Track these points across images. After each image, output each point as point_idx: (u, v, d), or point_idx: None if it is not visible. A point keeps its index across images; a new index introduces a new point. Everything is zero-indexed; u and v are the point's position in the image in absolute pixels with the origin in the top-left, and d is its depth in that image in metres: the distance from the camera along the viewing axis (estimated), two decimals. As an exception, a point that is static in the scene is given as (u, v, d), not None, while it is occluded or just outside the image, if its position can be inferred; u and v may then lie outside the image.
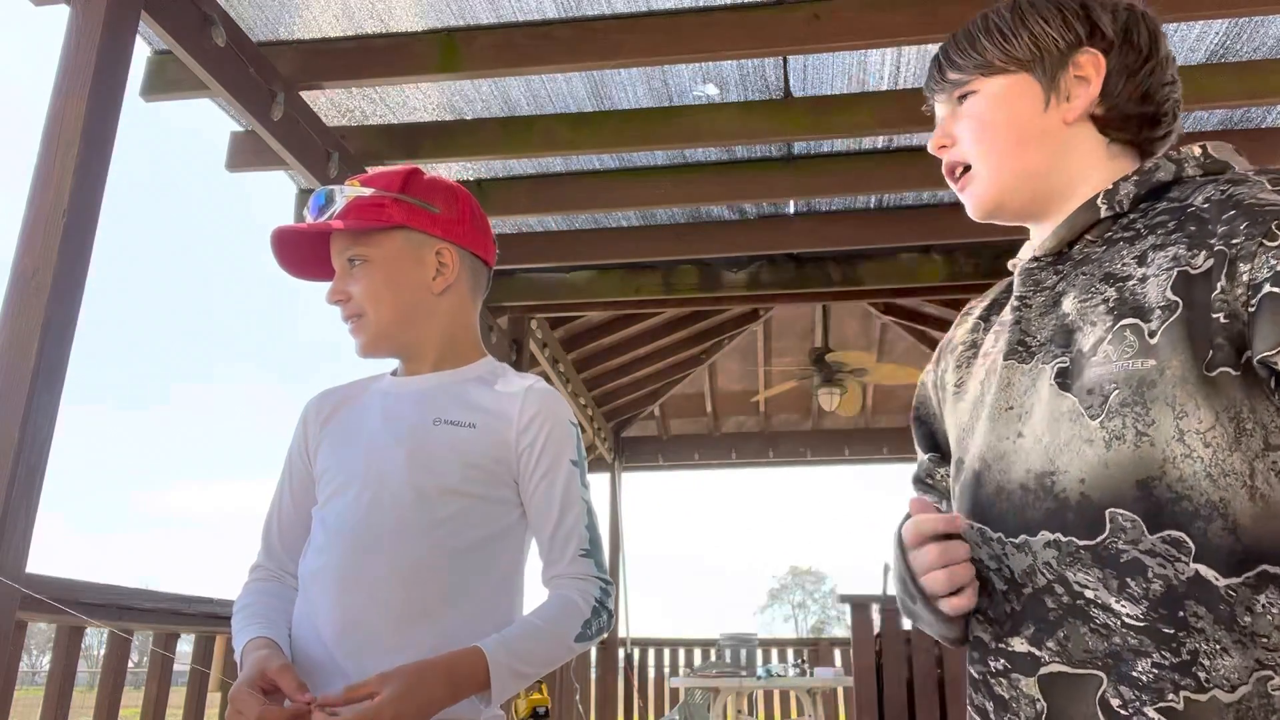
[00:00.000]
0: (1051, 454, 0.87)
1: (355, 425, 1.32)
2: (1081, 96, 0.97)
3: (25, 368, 1.94)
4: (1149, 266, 0.86)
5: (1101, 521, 0.83)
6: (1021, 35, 0.99)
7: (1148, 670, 0.79)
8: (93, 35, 2.17)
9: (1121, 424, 0.83)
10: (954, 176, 1.04)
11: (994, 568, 0.91)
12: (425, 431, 1.26)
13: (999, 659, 0.89)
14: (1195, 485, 0.80)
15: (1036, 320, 0.95)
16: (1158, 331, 0.82)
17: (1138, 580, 0.81)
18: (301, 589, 1.26)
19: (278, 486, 1.38)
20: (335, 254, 1.33)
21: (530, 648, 1.19)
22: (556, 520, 1.28)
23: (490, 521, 1.26)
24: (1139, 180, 0.93)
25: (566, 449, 1.30)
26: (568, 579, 1.27)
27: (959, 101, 1.03)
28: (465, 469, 1.25)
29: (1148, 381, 0.82)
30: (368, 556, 1.20)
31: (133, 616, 2.36)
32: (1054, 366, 0.90)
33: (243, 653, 1.18)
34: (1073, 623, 0.84)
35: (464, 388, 1.32)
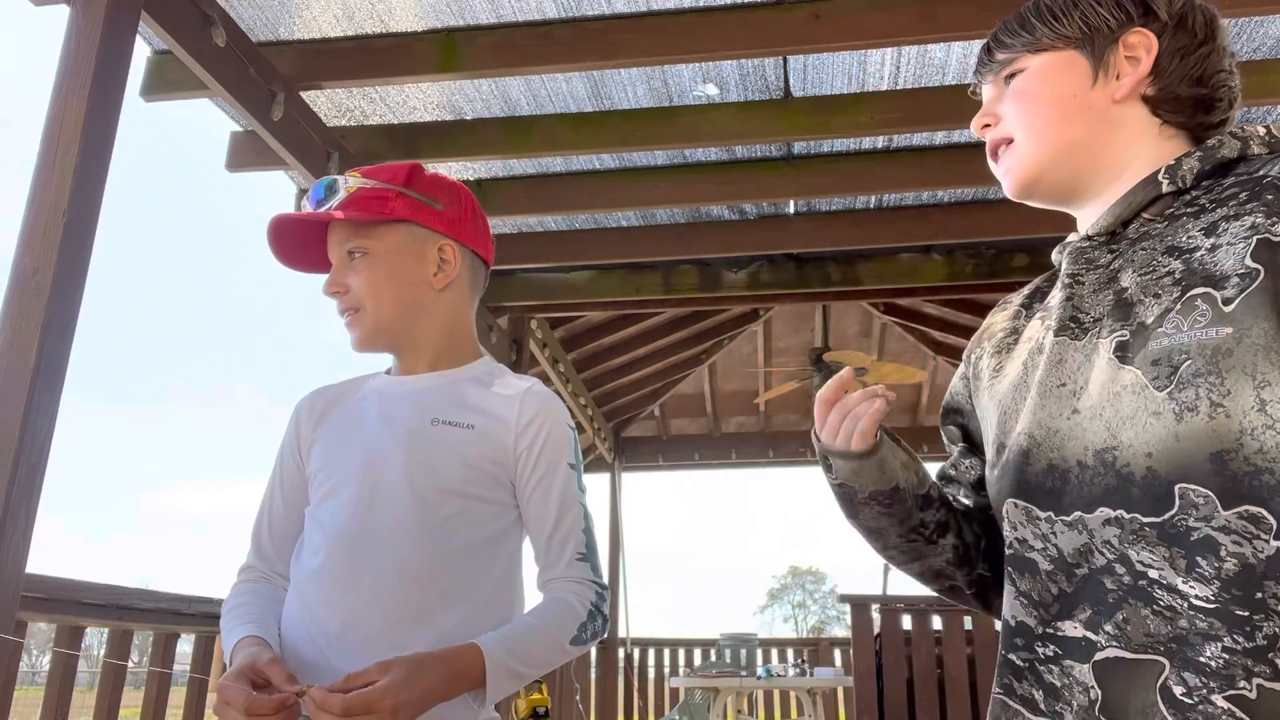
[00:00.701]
0: (1113, 428, 0.83)
1: (351, 425, 1.31)
2: (1131, 75, 0.96)
3: (25, 368, 1.94)
4: (1220, 236, 0.83)
5: (1170, 497, 0.79)
6: (1073, 15, 0.98)
7: (1217, 655, 0.75)
8: (93, 35, 2.17)
9: (1194, 395, 0.78)
10: (995, 156, 1.03)
11: (1039, 548, 0.87)
12: (423, 432, 1.25)
13: (1048, 644, 0.85)
14: (1277, 458, 0.76)
15: (1090, 297, 0.92)
16: (1235, 299, 0.79)
17: (1209, 559, 0.76)
18: (295, 589, 1.25)
19: (268, 486, 1.36)
20: (334, 245, 1.31)
21: (527, 648, 1.18)
22: (554, 523, 1.27)
23: (488, 523, 1.25)
24: (1203, 156, 0.91)
25: (564, 452, 1.30)
26: (564, 582, 1.26)
27: (1006, 82, 1.02)
28: (463, 470, 1.24)
29: (1223, 350, 0.78)
30: (365, 557, 1.19)
31: (133, 616, 2.36)
32: (1112, 340, 0.87)
33: (233, 651, 1.17)
34: (1133, 604, 0.80)
35: (462, 388, 1.31)
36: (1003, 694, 0.88)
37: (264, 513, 1.34)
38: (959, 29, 2.79)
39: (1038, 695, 0.85)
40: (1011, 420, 0.96)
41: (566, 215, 4.21)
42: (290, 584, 1.27)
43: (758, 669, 5.43)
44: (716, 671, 5.34)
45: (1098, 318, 0.90)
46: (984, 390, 1.05)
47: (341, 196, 1.29)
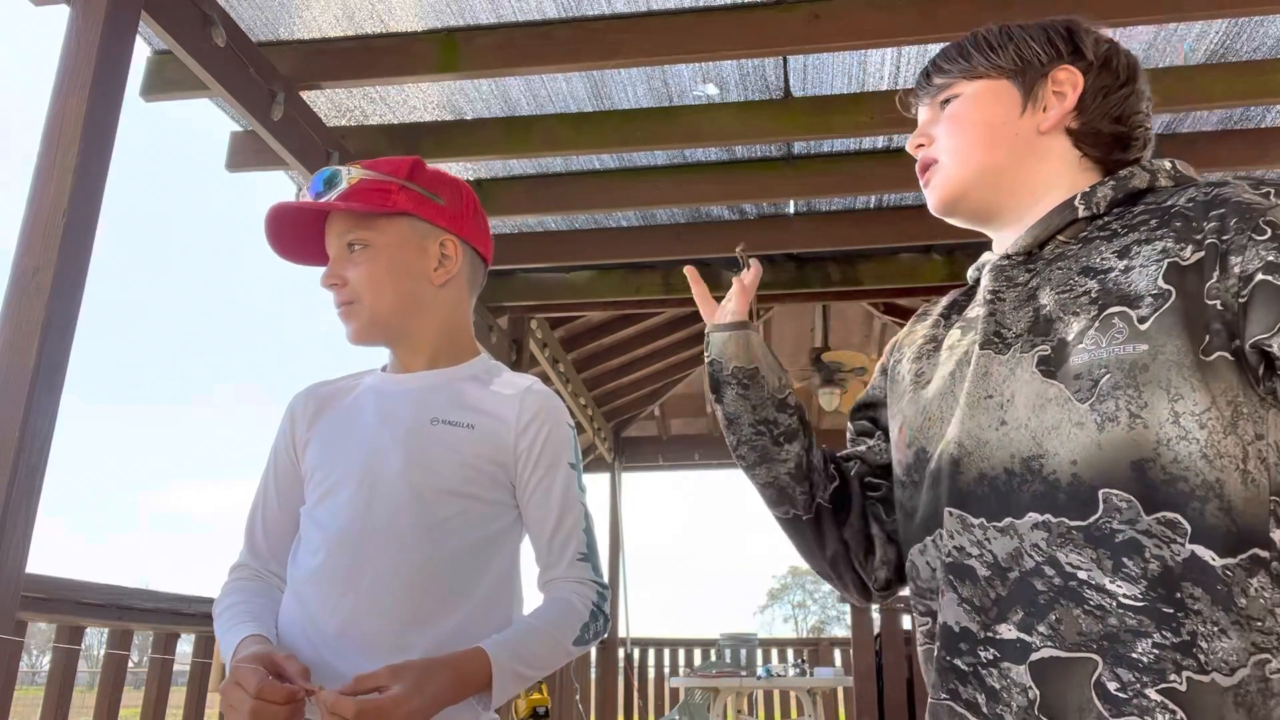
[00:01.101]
0: (1039, 438, 0.88)
1: (348, 423, 1.29)
2: (1057, 108, 1.02)
3: (25, 368, 1.94)
4: (1133, 259, 0.89)
5: (1095, 502, 0.83)
6: (1008, 47, 1.05)
7: (1148, 651, 0.78)
8: (93, 35, 2.17)
9: (1115, 406, 0.84)
10: (924, 174, 1.09)
11: (976, 554, 0.90)
12: (423, 432, 1.24)
13: (989, 648, 0.87)
14: (1190, 466, 0.80)
15: (1011, 314, 0.97)
16: (1149, 318, 0.85)
17: (1135, 560, 0.80)
18: (293, 590, 1.23)
19: (261, 483, 1.34)
20: (334, 236, 1.29)
21: (531, 650, 1.18)
22: (555, 523, 1.27)
23: (488, 523, 1.24)
24: (1116, 185, 0.98)
25: (565, 452, 1.29)
26: (565, 583, 1.26)
27: (942, 106, 1.08)
28: (463, 470, 1.23)
29: (1140, 365, 0.83)
30: (365, 558, 1.18)
31: (133, 616, 2.36)
32: (1035, 355, 0.91)
33: (236, 649, 1.15)
34: (1065, 605, 0.83)
35: (461, 387, 1.29)
36: (948, 699, 0.91)
37: (257, 510, 1.32)
38: (959, 29, 2.79)
39: (980, 699, 0.88)
40: (936, 427, 1.00)
41: (566, 215, 4.21)
42: (287, 584, 1.26)
43: (758, 669, 5.43)
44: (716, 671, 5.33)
45: (1019, 333, 0.94)
46: (904, 394, 1.09)
47: (343, 188, 1.27)
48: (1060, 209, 0.99)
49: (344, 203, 1.26)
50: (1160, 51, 3.10)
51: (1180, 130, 3.62)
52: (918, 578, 1.01)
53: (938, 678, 0.92)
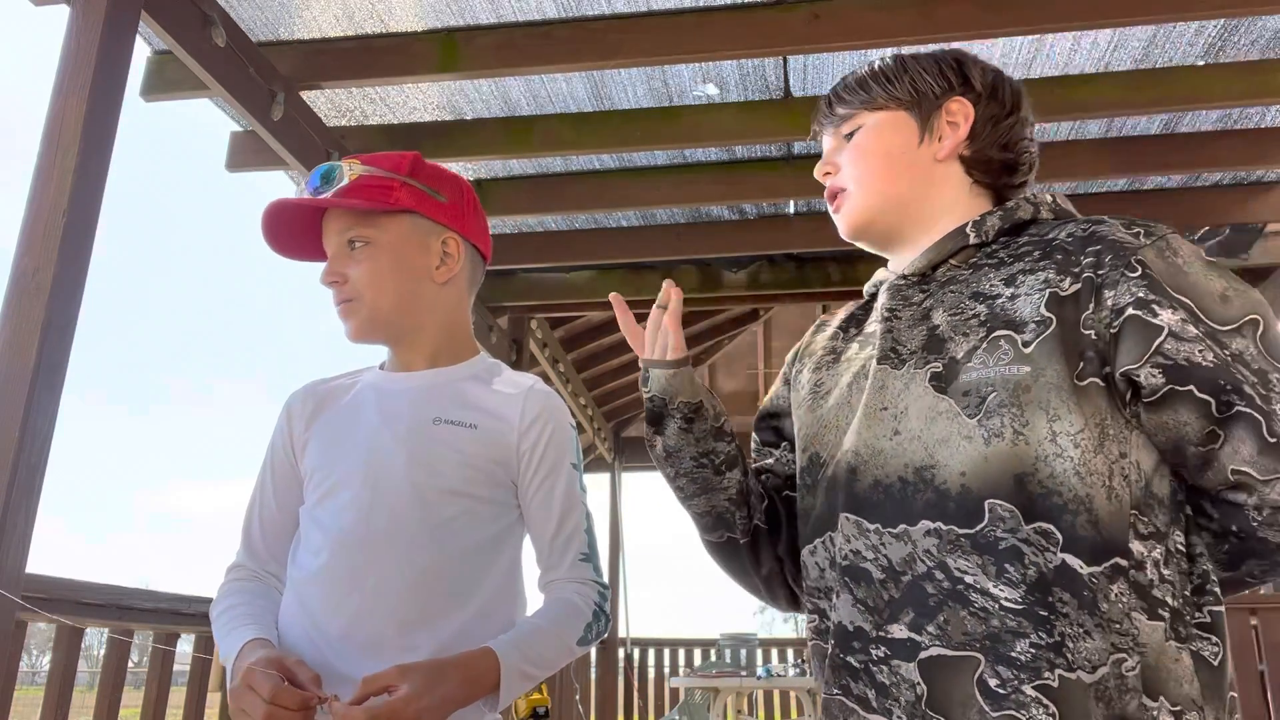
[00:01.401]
0: (930, 449, 0.94)
1: (348, 422, 1.28)
2: (951, 137, 1.08)
3: (25, 368, 1.94)
4: (1019, 288, 0.96)
5: (981, 511, 0.89)
6: (903, 79, 1.11)
7: (1026, 650, 0.85)
8: (93, 35, 2.17)
9: (1000, 423, 0.90)
10: (833, 200, 1.14)
11: (871, 558, 0.96)
12: (425, 431, 1.23)
13: (880, 646, 0.93)
14: (1065, 482, 0.88)
15: (907, 331, 1.03)
16: (1032, 342, 0.92)
17: (1015, 566, 0.87)
18: (294, 591, 1.22)
19: (257, 483, 1.32)
20: (334, 233, 1.27)
21: (538, 650, 1.18)
22: (557, 524, 1.26)
23: (490, 523, 1.24)
24: (1003, 215, 1.05)
25: (567, 452, 1.28)
26: (567, 583, 1.25)
27: (846, 138, 1.14)
28: (466, 470, 1.22)
29: (1023, 386, 0.90)
30: (369, 559, 1.17)
31: (133, 616, 2.36)
32: (928, 371, 0.98)
33: (241, 652, 1.14)
34: (952, 607, 0.89)
35: (462, 386, 1.28)
36: (840, 694, 0.96)
37: (254, 510, 1.31)
38: (959, 29, 2.79)
39: (870, 694, 0.93)
40: (833, 435, 1.05)
41: (566, 215, 4.21)
42: (287, 584, 1.25)
43: (758, 669, 5.43)
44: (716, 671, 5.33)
45: (914, 350, 1.01)
46: (803, 403, 1.14)
47: (344, 184, 1.25)
48: (953, 235, 1.05)
49: (344, 199, 1.24)
50: (1159, 50, 3.10)
51: (1179, 129, 3.62)
52: (808, 577, 1.06)
53: (831, 674, 0.97)
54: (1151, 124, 3.60)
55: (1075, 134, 3.66)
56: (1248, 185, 4.05)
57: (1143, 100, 3.19)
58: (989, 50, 3.09)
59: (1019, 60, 3.16)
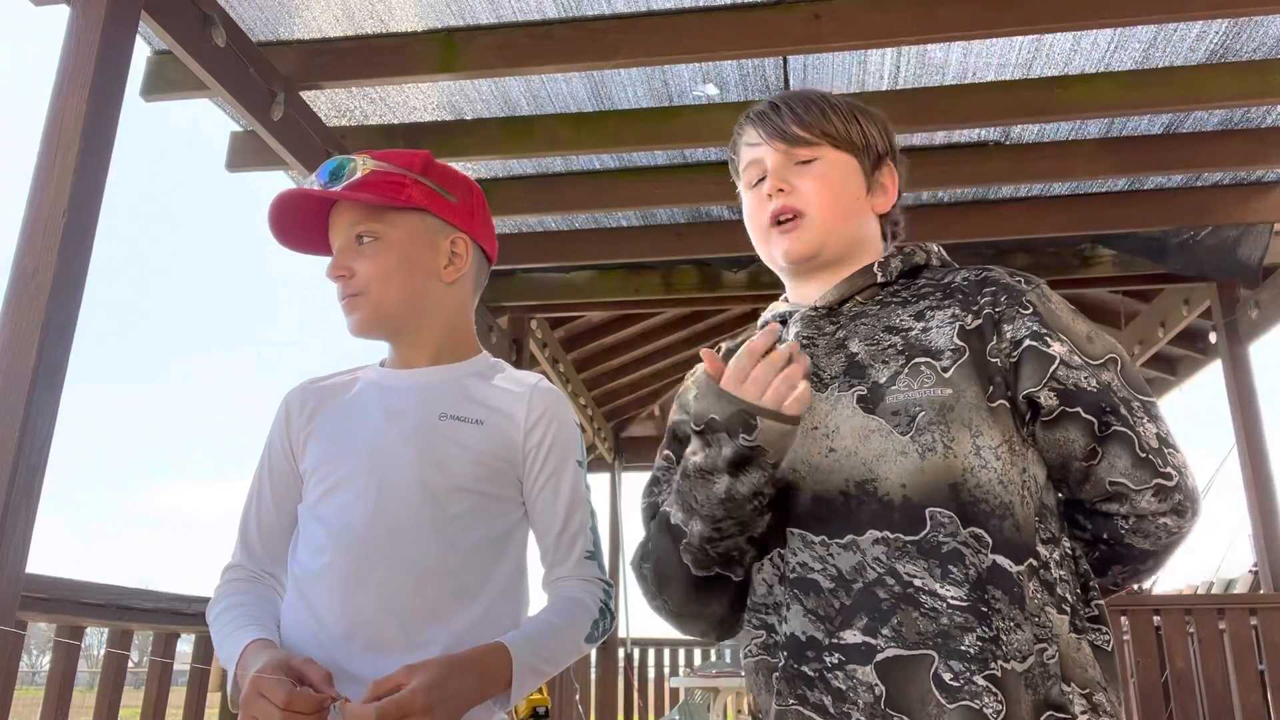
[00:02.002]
0: (869, 464, 1.00)
1: (350, 419, 1.26)
2: (884, 199, 1.20)
3: (25, 368, 1.94)
4: (929, 322, 1.07)
5: (923, 519, 0.97)
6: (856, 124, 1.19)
7: (974, 644, 0.92)
8: (93, 35, 2.17)
9: (932, 439, 0.99)
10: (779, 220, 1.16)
11: (819, 568, 1.00)
12: (432, 427, 1.22)
13: (834, 653, 0.96)
14: (990, 490, 0.97)
15: (825, 358, 1.10)
16: (950, 368, 1.02)
17: (959, 567, 0.94)
18: (297, 590, 1.20)
19: (254, 482, 1.31)
20: (343, 227, 1.26)
21: (549, 647, 1.17)
22: (563, 521, 1.25)
23: (497, 520, 1.23)
24: (903, 259, 1.16)
25: (572, 450, 1.28)
26: (573, 581, 1.25)
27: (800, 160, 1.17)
28: (473, 466, 1.21)
29: (947, 406, 1.00)
30: (376, 555, 1.16)
31: (133, 616, 2.36)
32: (853, 394, 1.05)
33: (244, 654, 1.12)
34: (905, 609, 0.95)
35: (467, 383, 1.28)
36: (796, 704, 0.98)
37: (251, 510, 1.29)
38: (959, 29, 2.79)
39: (827, 700, 0.96)
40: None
41: (566, 215, 4.20)
42: (290, 583, 1.23)
43: (758, 669, 5.42)
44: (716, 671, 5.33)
45: (835, 375, 1.08)
46: None
47: (356, 178, 1.23)
48: (861, 273, 1.14)
49: (356, 193, 1.23)
50: (1160, 51, 3.10)
51: (1180, 130, 3.62)
52: (754, 594, 1.08)
53: (785, 685, 0.99)
54: (1152, 124, 3.60)
55: (1075, 134, 3.66)
56: (1248, 185, 4.05)
57: (1143, 101, 3.19)
58: (989, 50, 3.09)
59: (1019, 60, 3.16)
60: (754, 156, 1.20)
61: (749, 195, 1.22)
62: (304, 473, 1.27)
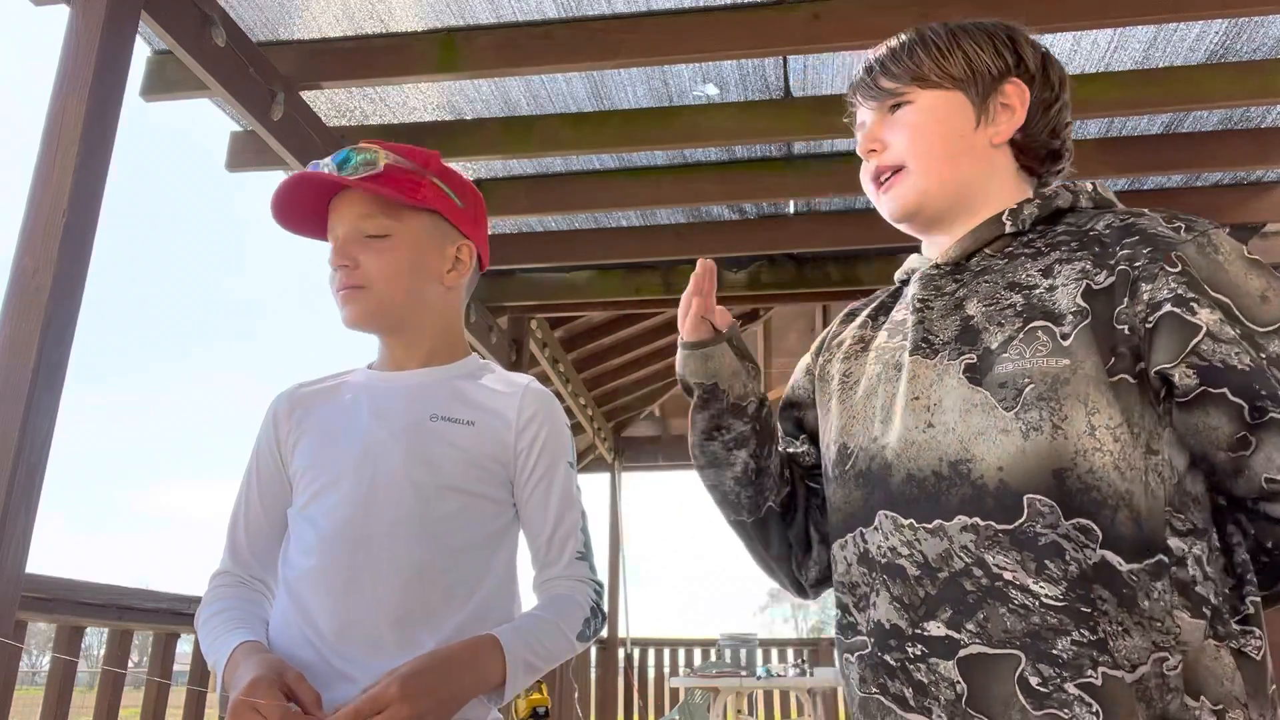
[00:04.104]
0: (966, 442, 0.91)
1: (339, 421, 1.26)
2: (1007, 122, 1.05)
3: (25, 368, 1.94)
4: (1056, 278, 0.94)
5: (1019, 507, 0.87)
6: (956, 54, 1.06)
7: (1068, 648, 0.83)
8: (93, 35, 2.17)
9: (1038, 416, 0.88)
10: (878, 180, 1.09)
11: (907, 554, 0.93)
12: (423, 428, 1.22)
13: (917, 644, 0.91)
14: (1104, 477, 0.86)
15: (939, 321, 1.00)
16: (1070, 334, 0.89)
17: (1056, 562, 0.85)
18: (288, 591, 1.20)
19: (242, 487, 1.30)
20: (352, 216, 1.24)
21: (542, 641, 1.17)
22: (554, 522, 1.26)
23: (488, 521, 1.23)
24: (1041, 204, 1.02)
25: (564, 451, 1.28)
26: (565, 580, 1.25)
27: (891, 110, 1.08)
28: (464, 467, 1.21)
29: (1061, 379, 0.88)
30: (366, 556, 1.16)
31: (133, 616, 2.36)
32: (961, 362, 0.95)
33: (233, 655, 1.11)
34: (992, 604, 0.87)
35: (458, 384, 1.28)
36: (878, 693, 0.94)
37: (239, 515, 1.28)
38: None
39: (908, 693, 0.91)
40: (861, 426, 1.03)
41: (566, 215, 4.20)
42: (280, 585, 1.23)
43: (758, 669, 5.43)
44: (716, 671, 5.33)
45: (947, 340, 0.98)
46: (833, 394, 1.12)
47: (377, 169, 1.22)
48: (988, 224, 1.02)
49: (377, 186, 1.22)
50: (1160, 51, 3.10)
51: (1180, 130, 3.62)
52: (836, 572, 1.05)
53: (869, 672, 0.95)
54: (1152, 124, 3.60)
55: (1075, 134, 3.64)
56: (1248, 185, 4.05)
57: (1143, 101, 3.19)
58: (989, 50, 3.09)
59: (1019, 60, 3.16)
60: (859, 121, 1.14)
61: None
62: (293, 476, 1.27)
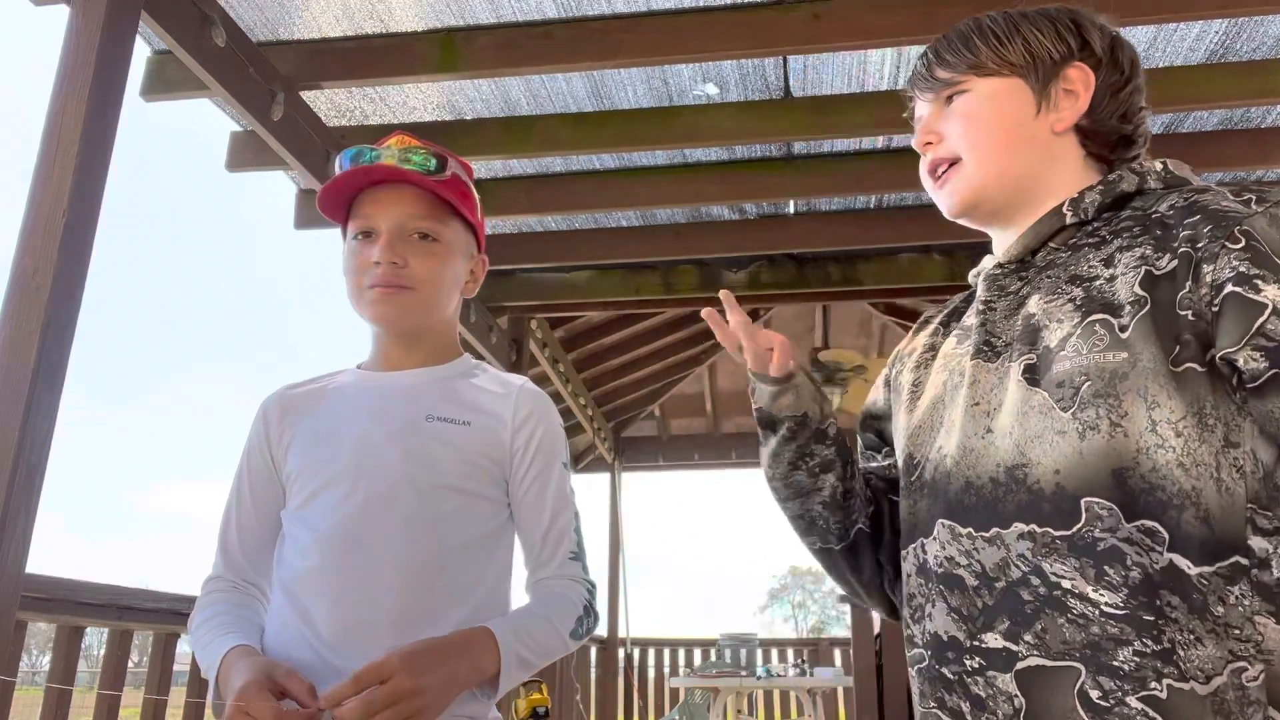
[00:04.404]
0: (1022, 446, 0.88)
1: (333, 422, 1.25)
2: (1070, 108, 1.00)
3: (25, 368, 1.93)
4: (1116, 267, 0.89)
5: (1077, 511, 0.83)
6: (1015, 41, 1.01)
7: (1129, 659, 0.79)
8: (93, 35, 2.17)
9: (1095, 414, 0.84)
10: (935, 173, 1.05)
11: (964, 564, 0.91)
12: (419, 428, 1.22)
13: (975, 657, 0.88)
14: (1168, 475, 0.81)
15: (1002, 322, 0.97)
16: (1129, 325, 0.84)
17: (1116, 568, 0.81)
18: (284, 593, 1.19)
19: (233, 490, 1.29)
20: (403, 215, 1.23)
21: (535, 635, 1.16)
22: (548, 522, 1.26)
23: (485, 521, 1.23)
24: (1104, 189, 0.96)
25: (558, 451, 1.29)
26: (558, 580, 1.25)
27: (947, 101, 1.04)
28: (462, 466, 1.22)
29: (1119, 374, 0.83)
30: (364, 556, 1.16)
31: (133, 616, 2.36)
32: (1021, 363, 0.91)
33: (225, 661, 1.10)
34: (1050, 614, 0.83)
35: (452, 385, 1.28)
36: (936, 706, 0.91)
37: (230, 519, 1.28)
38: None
39: (965, 707, 0.88)
40: (927, 435, 1.00)
41: (566, 215, 4.20)
42: (275, 588, 1.22)
43: (757, 669, 5.43)
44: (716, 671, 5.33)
45: (1009, 342, 0.94)
46: (902, 405, 1.09)
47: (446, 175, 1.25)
48: (1049, 215, 0.98)
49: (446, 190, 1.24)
50: (1160, 51, 3.10)
51: (1180, 130, 3.62)
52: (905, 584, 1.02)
53: (927, 686, 0.93)
54: (1152, 124, 3.59)
55: (1075, 134, 3.66)
56: (1248, 185, 4.05)
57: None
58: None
59: (1019, 60, 3.16)
60: (916, 114, 1.10)
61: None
62: (286, 478, 1.27)
